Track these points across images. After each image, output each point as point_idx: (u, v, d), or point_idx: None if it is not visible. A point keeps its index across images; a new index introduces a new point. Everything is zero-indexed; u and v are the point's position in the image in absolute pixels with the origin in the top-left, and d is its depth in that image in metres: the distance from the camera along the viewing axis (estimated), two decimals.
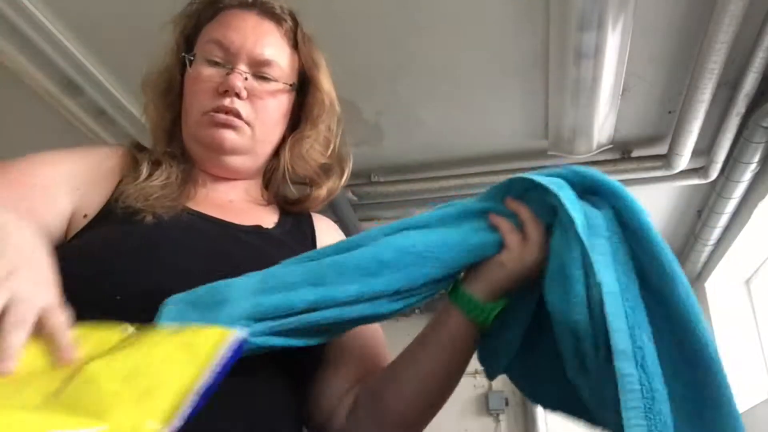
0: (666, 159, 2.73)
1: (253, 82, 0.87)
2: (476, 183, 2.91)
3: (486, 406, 4.22)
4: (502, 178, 0.86)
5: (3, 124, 2.61)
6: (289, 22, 0.93)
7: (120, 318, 0.67)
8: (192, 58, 0.89)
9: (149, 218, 0.78)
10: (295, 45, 0.93)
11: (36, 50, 2.04)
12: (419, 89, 2.45)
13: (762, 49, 2.07)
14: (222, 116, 0.85)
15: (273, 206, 0.96)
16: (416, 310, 4.35)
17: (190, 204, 0.85)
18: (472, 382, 4.32)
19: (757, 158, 2.56)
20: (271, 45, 0.89)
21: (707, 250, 3.50)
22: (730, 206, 2.96)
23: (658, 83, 2.40)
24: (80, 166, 0.84)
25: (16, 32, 1.96)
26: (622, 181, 3.14)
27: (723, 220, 3.09)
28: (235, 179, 0.93)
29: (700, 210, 3.34)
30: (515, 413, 4.20)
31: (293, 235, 0.91)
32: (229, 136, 0.86)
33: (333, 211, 2.82)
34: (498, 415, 4.20)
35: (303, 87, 0.94)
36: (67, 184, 0.81)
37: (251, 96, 0.87)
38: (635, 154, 2.81)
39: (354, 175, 2.97)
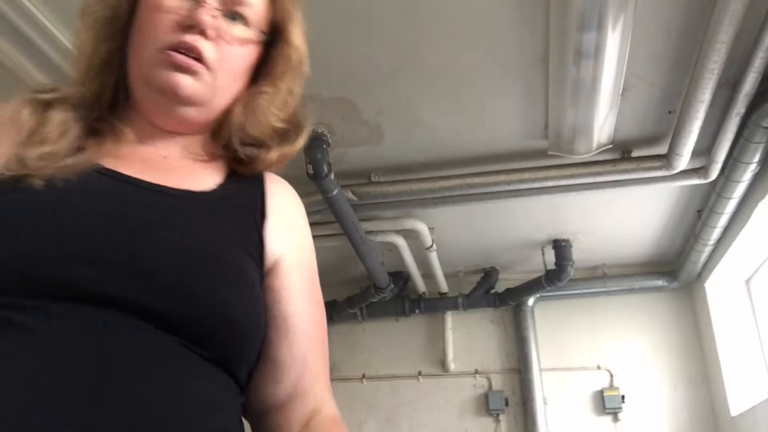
0: (666, 159, 2.73)
1: (222, 23, 0.75)
2: (476, 183, 2.91)
3: (486, 406, 4.22)
4: (502, 178, 0.81)
5: None
6: None
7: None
8: None
9: (37, 183, 0.65)
10: None
11: (36, 50, 2.04)
12: (419, 89, 2.45)
13: (762, 49, 2.07)
14: (180, 57, 0.72)
15: (218, 164, 0.83)
16: (416, 310, 4.36)
17: (106, 160, 0.72)
18: (472, 382, 4.32)
19: (757, 158, 2.56)
20: None
21: (707, 250, 3.50)
22: (730, 206, 2.96)
23: (658, 83, 2.40)
24: None
25: (16, 32, 1.96)
26: (622, 181, 3.14)
27: (723, 220, 3.09)
28: (177, 133, 0.80)
29: (700, 210, 3.34)
30: (515, 413, 4.20)
31: (233, 199, 0.79)
32: (185, 82, 0.73)
33: (333, 210, 2.83)
34: (498, 415, 4.20)
35: (271, 40, 0.82)
36: None
37: (218, 38, 0.75)
38: (635, 154, 2.81)
39: (354, 175, 3.00)
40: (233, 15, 0.77)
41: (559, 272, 3.79)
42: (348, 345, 4.40)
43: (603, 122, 2.51)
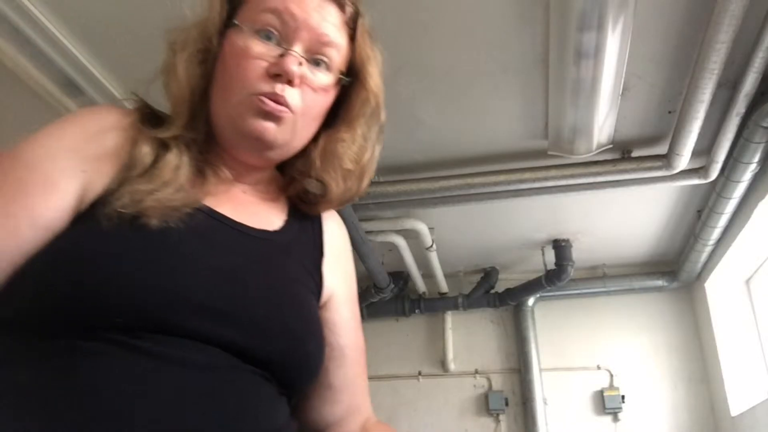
0: (666, 159, 2.73)
1: (306, 70, 0.78)
2: (476, 183, 2.91)
3: (486, 406, 4.22)
4: (502, 178, 0.83)
5: (3, 124, 2.61)
6: (352, 9, 0.85)
7: (118, 342, 0.63)
8: (237, 24, 0.78)
9: (153, 222, 0.68)
10: (352, 36, 0.84)
11: (36, 50, 2.04)
12: (419, 89, 2.45)
13: (762, 49, 2.07)
14: (270, 104, 0.75)
15: (283, 198, 0.88)
16: (416, 310, 4.36)
17: (209, 199, 0.77)
18: (472, 382, 4.32)
19: (757, 158, 2.56)
20: (333, 28, 0.80)
21: (707, 250, 3.50)
22: (730, 206, 2.96)
23: (658, 83, 2.40)
24: (83, 142, 0.73)
25: (16, 32, 1.96)
26: (622, 181, 3.13)
27: (723, 220, 3.09)
28: (254, 167, 0.84)
29: (700, 210, 3.34)
30: (515, 413, 4.20)
31: (299, 238, 0.85)
32: (270, 128, 0.76)
33: None
34: (498, 415, 4.20)
35: (349, 82, 0.86)
36: (71, 166, 0.71)
37: (302, 84, 0.78)
38: (635, 154, 2.81)
39: None
40: (317, 61, 0.80)
41: (559, 272, 3.79)
42: None
43: (603, 122, 2.51)
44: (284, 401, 0.76)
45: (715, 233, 3.26)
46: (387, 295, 4.08)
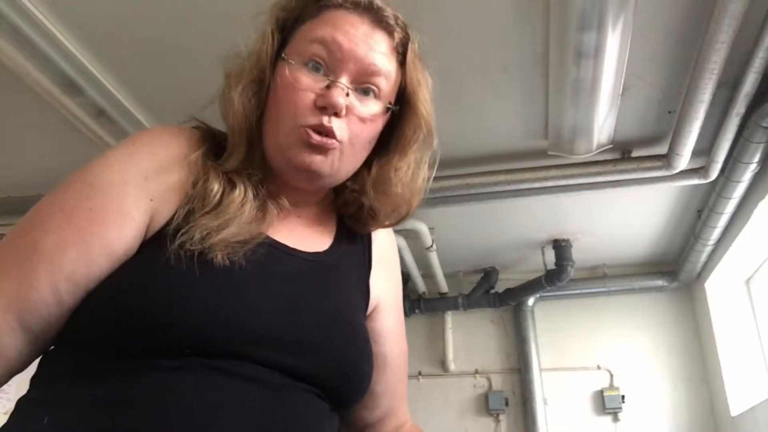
0: (666, 159, 2.73)
1: (353, 100, 0.79)
2: (476, 183, 2.91)
3: (486, 406, 4.22)
4: (502, 178, 0.83)
5: (3, 124, 2.61)
6: (401, 35, 0.86)
7: (194, 361, 0.67)
8: (285, 57, 0.79)
9: (219, 258, 0.71)
10: (402, 62, 0.86)
11: (36, 50, 2.04)
12: None
13: (762, 49, 2.07)
14: (317, 138, 0.76)
15: (332, 216, 0.90)
16: (416, 310, 4.36)
17: (271, 230, 0.79)
18: (472, 382, 4.32)
19: (757, 158, 2.55)
20: (382, 56, 0.81)
21: (707, 250, 3.50)
22: (730, 206, 2.96)
23: (658, 83, 2.40)
24: (153, 172, 0.75)
25: (16, 32, 1.96)
26: (622, 181, 3.11)
27: (723, 220, 3.09)
28: (309, 192, 0.86)
29: (700, 210, 3.34)
30: (515, 413, 4.20)
31: (348, 254, 0.88)
32: (317, 160, 0.78)
33: None
34: (498, 415, 4.20)
35: (399, 108, 0.86)
36: (141, 195, 0.73)
37: (349, 114, 0.78)
38: (635, 154, 2.81)
39: None
40: (366, 90, 0.80)
41: (559, 272, 3.79)
42: None
43: (603, 122, 2.51)
44: (336, 418, 0.80)
45: (715, 233, 3.26)
46: None
